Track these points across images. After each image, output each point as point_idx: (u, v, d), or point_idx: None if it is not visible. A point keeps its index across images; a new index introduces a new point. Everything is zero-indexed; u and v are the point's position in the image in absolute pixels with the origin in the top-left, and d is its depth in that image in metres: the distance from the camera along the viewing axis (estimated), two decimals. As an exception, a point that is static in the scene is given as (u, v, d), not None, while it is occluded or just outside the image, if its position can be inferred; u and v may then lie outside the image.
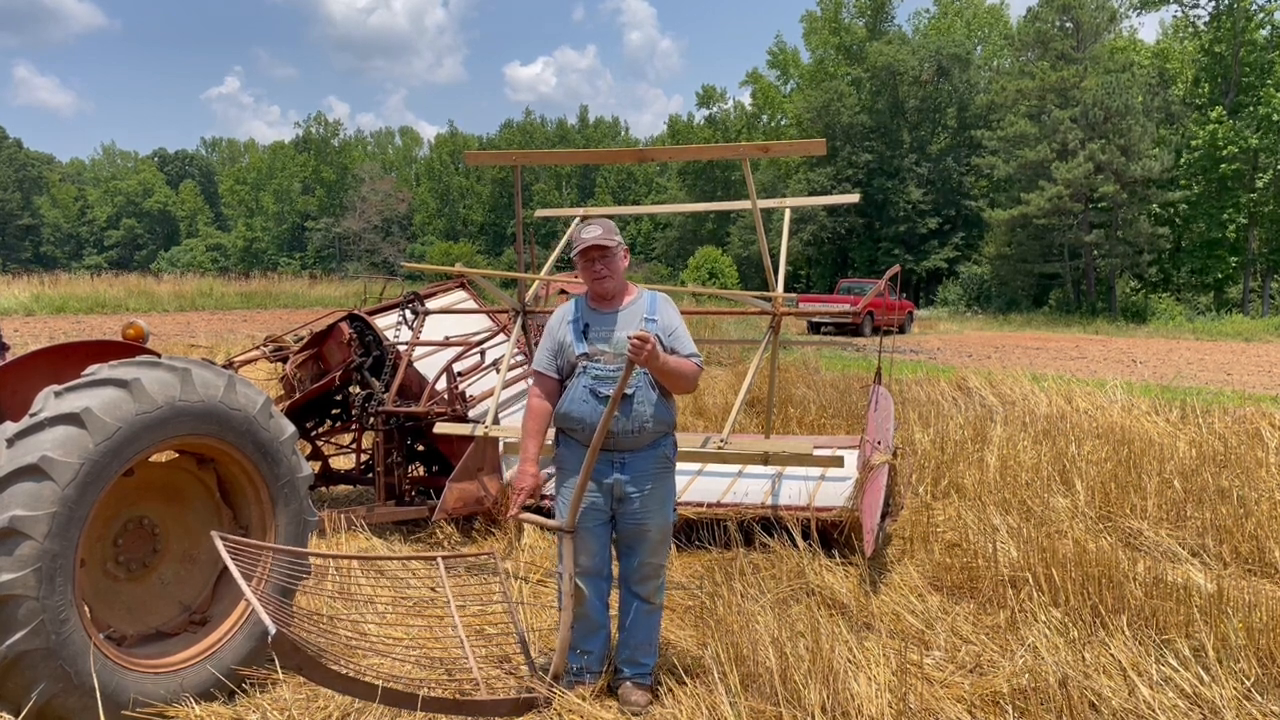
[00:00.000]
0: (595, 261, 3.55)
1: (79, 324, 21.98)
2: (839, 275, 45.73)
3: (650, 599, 3.67)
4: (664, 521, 3.63)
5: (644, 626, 3.69)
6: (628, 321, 3.55)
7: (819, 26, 53.46)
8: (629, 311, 3.60)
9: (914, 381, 12.44)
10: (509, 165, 6.48)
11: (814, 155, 24.41)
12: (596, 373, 3.52)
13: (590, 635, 3.66)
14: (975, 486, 6.59)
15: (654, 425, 3.54)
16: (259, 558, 3.58)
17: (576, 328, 3.58)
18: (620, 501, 3.58)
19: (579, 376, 3.55)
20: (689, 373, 3.55)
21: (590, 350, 3.54)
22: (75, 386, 3.19)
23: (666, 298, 3.72)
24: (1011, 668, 3.76)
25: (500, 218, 70.30)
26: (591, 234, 3.54)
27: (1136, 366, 17.61)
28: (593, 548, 3.61)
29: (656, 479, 3.60)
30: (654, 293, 3.72)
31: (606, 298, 3.62)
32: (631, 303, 3.63)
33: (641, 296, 3.67)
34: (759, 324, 6.10)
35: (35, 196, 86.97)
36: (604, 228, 3.57)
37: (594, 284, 3.60)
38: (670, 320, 3.60)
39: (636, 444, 3.54)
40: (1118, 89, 36.15)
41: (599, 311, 3.62)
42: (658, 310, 3.62)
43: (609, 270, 3.57)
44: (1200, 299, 39.53)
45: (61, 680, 3.01)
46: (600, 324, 3.58)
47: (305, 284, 41.61)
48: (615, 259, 3.57)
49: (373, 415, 6.28)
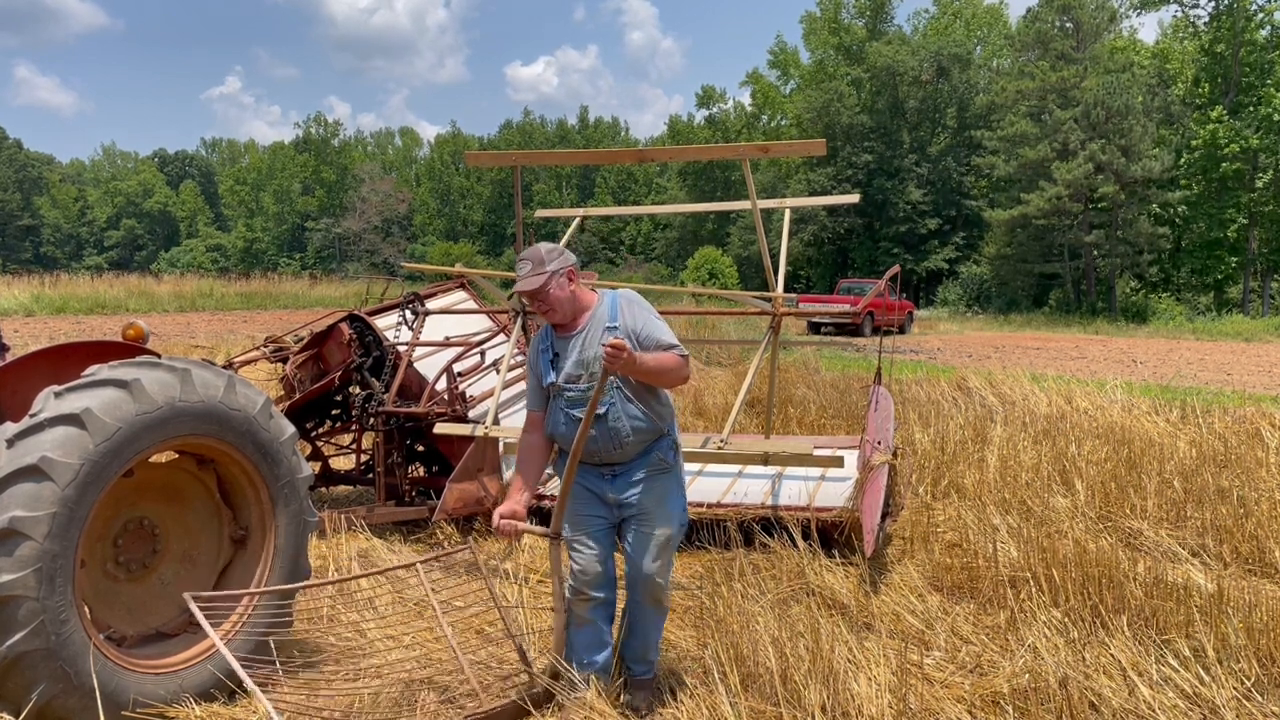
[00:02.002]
0: (533, 300, 3.45)
1: (79, 324, 21.99)
2: (839, 275, 45.74)
3: (656, 602, 3.58)
4: (666, 523, 3.51)
5: (651, 628, 3.64)
6: (590, 340, 3.43)
7: (818, 27, 53.47)
8: (590, 329, 3.47)
9: (914, 382, 12.44)
10: (509, 166, 6.49)
11: (814, 156, 24.44)
12: (570, 396, 3.44)
13: (594, 648, 3.59)
14: (975, 486, 6.59)
15: (635, 437, 3.44)
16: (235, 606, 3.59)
17: (545, 358, 3.52)
18: (619, 508, 3.52)
19: (555, 400, 3.50)
20: (671, 365, 3.38)
21: (558, 379, 3.47)
22: (75, 387, 3.19)
23: (630, 296, 3.57)
24: (1012, 668, 3.76)
25: (500, 218, 70.32)
26: (520, 274, 3.41)
27: (1136, 366, 17.61)
28: (595, 553, 3.52)
29: (649, 483, 3.49)
30: (615, 294, 3.56)
31: (565, 325, 3.50)
32: (590, 318, 3.49)
33: (601, 305, 3.51)
34: (759, 324, 6.11)
35: (35, 197, 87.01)
36: (534, 261, 3.40)
37: (544, 318, 3.53)
38: (634, 319, 3.45)
39: (622, 458, 3.47)
40: (1118, 89, 36.16)
41: (562, 338, 3.51)
42: (619, 314, 3.47)
43: (547, 306, 3.43)
44: (1200, 299, 39.55)
45: (61, 681, 3.01)
46: (565, 350, 3.48)
47: (305, 284, 41.63)
48: (550, 294, 3.40)
49: (373, 416, 6.28)
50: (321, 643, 4.17)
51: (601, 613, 3.59)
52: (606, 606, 3.61)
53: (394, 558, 5.35)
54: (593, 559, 3.53)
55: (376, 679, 3.71)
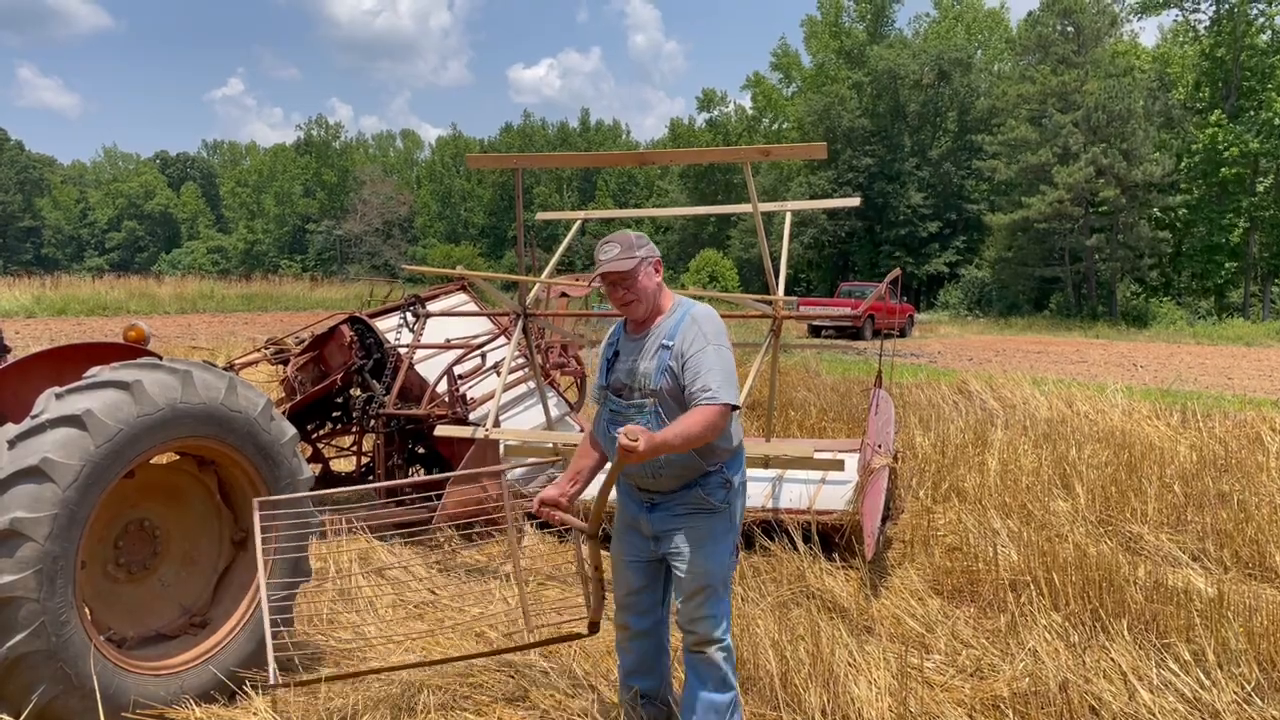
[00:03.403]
0: (616, 287, 3.09)
1: (80, 326, 22.01)
2: (840, 278, 45.79)
3: (696, 646, 3.10)
4: (702, 566, 3.06)
5: (698, 687, 3.11)
6: (647, 351, 3.09)
7: (819, 31, 53.53)
8: (651, 339, 3.10)
9: (915, 385, 12.45)
10: (510, 168, 6.50)
11: (815, 159, 24.44)
12: (613, 406, 3.17)
13: (638, 675, 3.32)
14: (976, 490, 6.59)
15: (669, 471, 3.05)
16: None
17: (606, 355, 3.23)
18: (655, 542, 3.16)
19: (602, 405, 3.25)
20: (697, 432, 2.86)
21: (609, 383, 3.18)
22: (76, 388, 3.20)
23: (702, 315, 3.09)
24: (1012, 671, 3.76)
25: (501, 220, 70.37)
26: (607, 255, 3.07)
27: (1137, 370, 17.61)
28: (632, 584, 3.23)
29: (688, 520, 3.09)
30: (687, 309, 3.13)
31: (637, 322, 3.16)
32: (657, 326, 3.11)
33: (671, 316, 3.12)
34: (760, 327, 6.11)
35: (37, 198, 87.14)
36: (622, 245, 3.08)
37: (621, 309, 3.16)
38: (690, 345, 3.00)
39: (661, 487, 3.11)
40: (1119, 93, 36.19)
41: (630, 337, 3.18)
42: (679, 333, 3.04)
43: (633, 295, 3.08)
44: (1201, 303, 39.55)
45: (62, 682, 3.02)
46: (627, 352, 3.16)
47: (306, 286, 41.72)
48: (638, 281, 3.06)
49: (373, 417, 6.28)
50: (322, 643, 4.18)
51: (643, 645, 3.29)
52: (649, 639, 3.29)
53: (393, 559, 5.35)
54: (627, 588, 3.24)
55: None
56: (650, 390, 3.05)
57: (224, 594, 3.74)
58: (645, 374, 3.06)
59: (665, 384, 3.03)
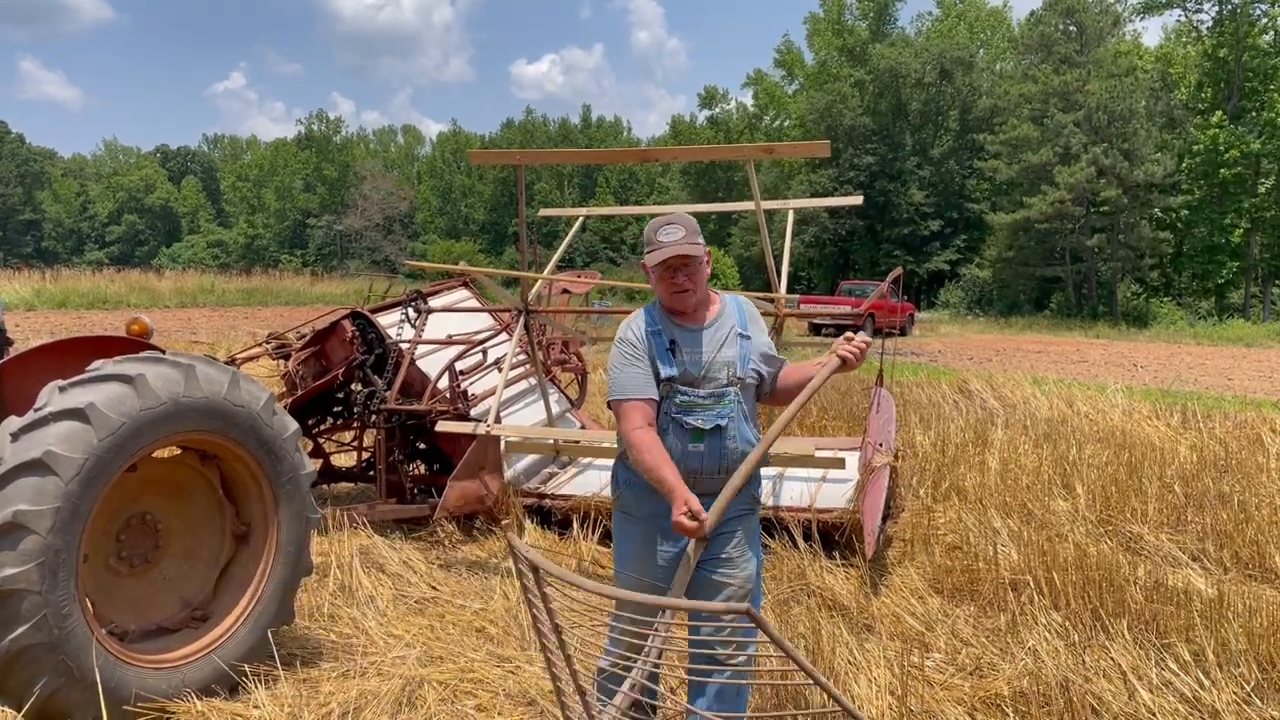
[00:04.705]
0: (678, 273, 2.90)
1: (80, 319, 22.01)
2: (841, 277, 45.72)
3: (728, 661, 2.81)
4: (750, 570, 2.96)
5: (725, 701, 2.86)
6: (717, 340, 2.97)
7: (822, 28, 53.46)
8: (717, 327, 2.99)
9: (915, 384, 12.45)
10: (512, 165, 6.50)
11: (817, 157, 24.39)
12: (682, 400, 2.91)
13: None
14: (976, 489, 6.59)
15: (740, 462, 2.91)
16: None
17: (661, 343, 2.93)
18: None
19: (665, 401, 2.93)
20: (817, 383, 2.93)
21: (679, 374, 2.92)
22: (80, 381, 3.19)
23: (752, 305, 3.13)
24: (1012, 670, 3.77)
25: (502, 217, 70.32)
26: (672, 238, 2.88)
27: (1137, 371, 17.62)
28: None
29: (744, 521, 2.99)
30: (737, 299, 3.11)
31: (688, 312, 3.00)
32: (718, 315, 3.01)
33: (726, 306, 3.05)
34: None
35: (37, 191, 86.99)
36: (686, 228, 2.90)
37: (674, 297, 2.95)
38: (762, 335, 3.07)
39: (716, 488, 2.85)
40: (1121, 93, 36.16)
41: (684, 327, 2.98)
42: (748, 324, 3.03)
43: (693, 283, 2.92)
44: (1201, 304, 39.53)
45: (64, 675, 3.02)
46: (688, 343, 2.95)
47: (307, 281, 41.70)
48: (701, 269, 2.93)
49: (375, 413, 6.28)
50: (323, 639, 4.18)
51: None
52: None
53: (394, 555, 5.35)
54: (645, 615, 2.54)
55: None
56: (736, 378, 2.96)
57: (225, 588, 3.74)
58: (728, 363, 2.95)
59: (750, 373, 3.00)
